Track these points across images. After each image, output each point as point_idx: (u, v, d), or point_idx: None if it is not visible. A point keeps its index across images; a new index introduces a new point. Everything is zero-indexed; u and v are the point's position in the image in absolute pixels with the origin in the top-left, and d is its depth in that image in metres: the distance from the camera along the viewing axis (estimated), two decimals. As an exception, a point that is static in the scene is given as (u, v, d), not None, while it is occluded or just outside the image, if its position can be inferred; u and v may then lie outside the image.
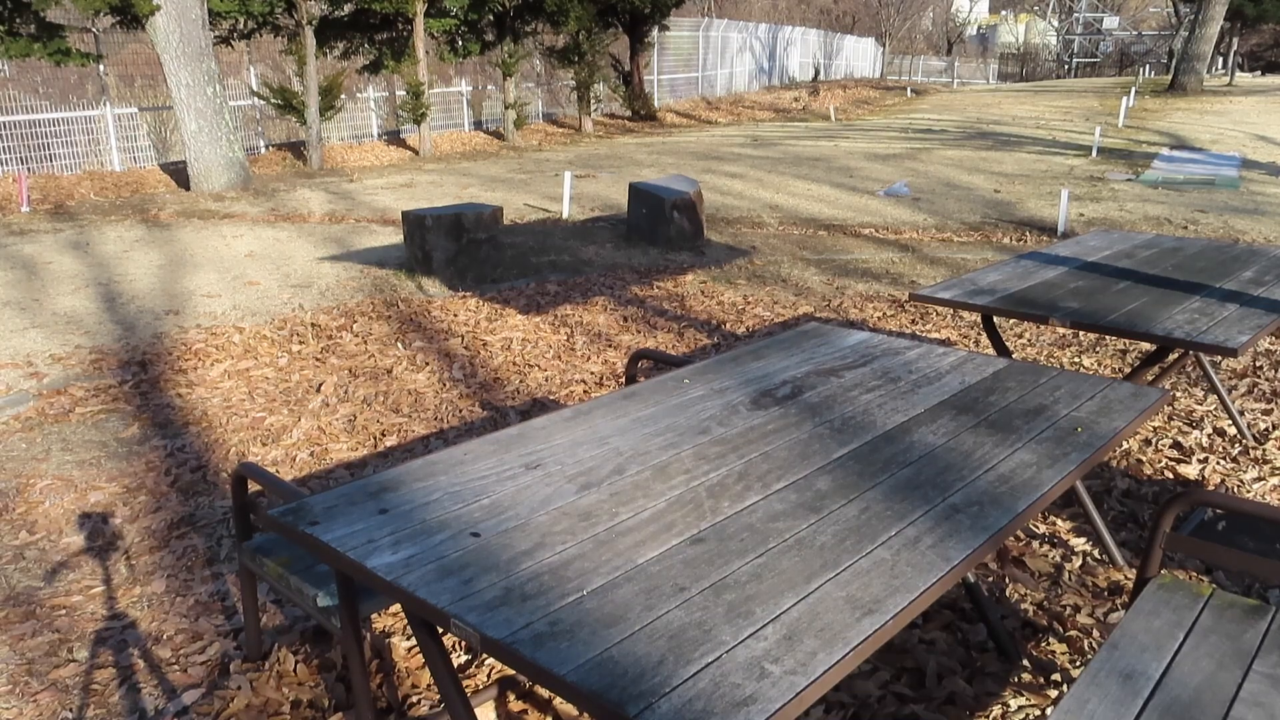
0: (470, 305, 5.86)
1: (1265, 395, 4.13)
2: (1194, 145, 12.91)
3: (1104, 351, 4.79)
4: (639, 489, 1.57)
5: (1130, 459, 3.51)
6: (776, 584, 1.28)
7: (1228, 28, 25.97)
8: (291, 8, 12.24)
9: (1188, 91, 20.64)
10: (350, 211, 9.28)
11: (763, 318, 5.52)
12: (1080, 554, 2.87)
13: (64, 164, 11.82)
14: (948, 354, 2.32)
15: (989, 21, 53.58)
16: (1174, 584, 1.86)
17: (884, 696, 2.26)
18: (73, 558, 3.08)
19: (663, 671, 1.10)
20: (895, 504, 1.51)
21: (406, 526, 1.44)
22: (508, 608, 1.23)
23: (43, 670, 2.50)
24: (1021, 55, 46.01)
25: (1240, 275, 3.40)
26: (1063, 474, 1.63)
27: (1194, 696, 1.52)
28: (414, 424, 4.04)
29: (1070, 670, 2.36)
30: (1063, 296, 3.13)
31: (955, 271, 6.61)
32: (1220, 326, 2.77)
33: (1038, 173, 10.84)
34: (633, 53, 18.87)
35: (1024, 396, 2.02)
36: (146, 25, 9.91)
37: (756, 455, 1.70)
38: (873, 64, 36.21)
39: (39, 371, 4.84)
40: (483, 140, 16.32)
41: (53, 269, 7.00)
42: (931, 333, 5.15)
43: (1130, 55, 41.07)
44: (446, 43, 15.88)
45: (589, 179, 10.90)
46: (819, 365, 2.22)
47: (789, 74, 28.25)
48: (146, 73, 13.24)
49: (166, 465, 3.73)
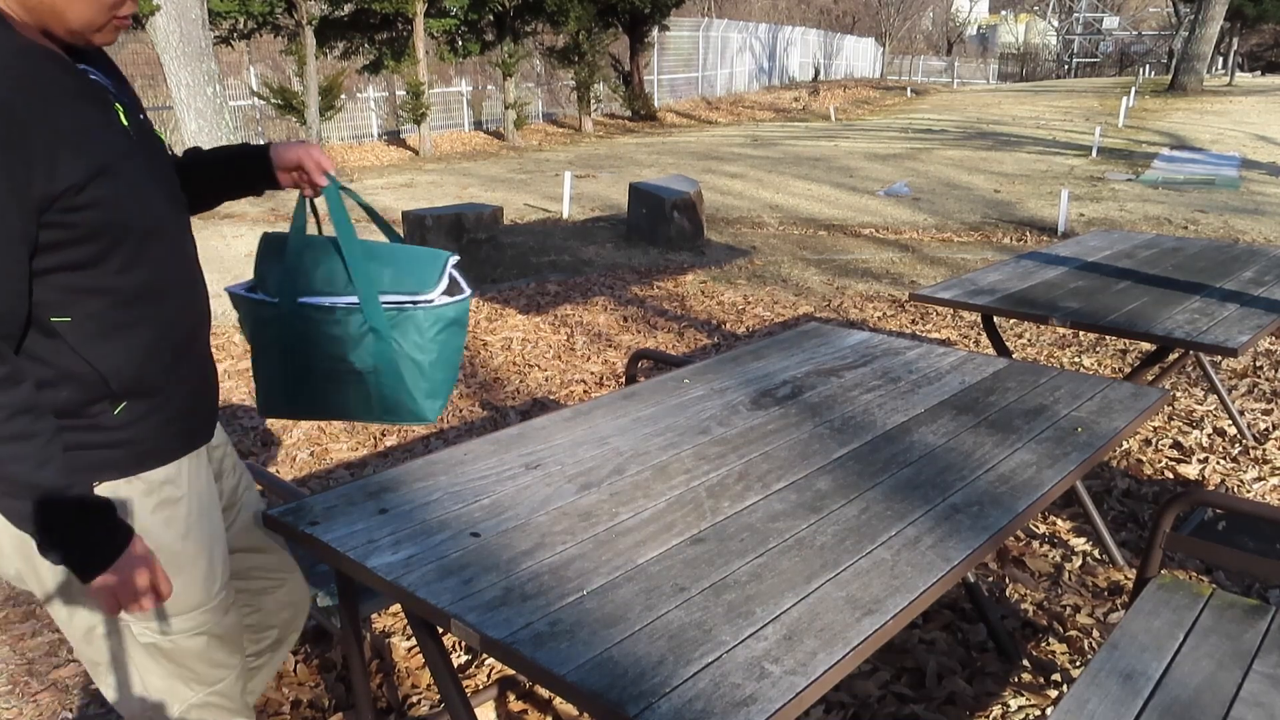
0: (470, 305, 5.85)
1: (1265, 395, 4.13)
2: (1194, 145, 12.91)
3: (1104, 351, 4.79)
4: (639, 489, 1.57)
5: (1130, 459, 3.51)
6: (776, 584, 1.28)
7: (1228, 28, 25.98)
8: (291, 8, 12.24)
9: (1188, 91, 20.63)
10: (350, 211, 9.27)
11: (763, 318, 5.52)
12: (1080, 554, 2.87)
13: (64, 164, 11.82)
14: (948, 354, 2.32)
15: (989, 21, 53.59)
16: (1174, 584, 1.86)
17: (884, 696, 2.26)
18: (73, 558, 3.08)
19: (663, 671, 1.10)
20: (895, 504, 1.51)
21: (406, 526, 1.44)
22: (508, 608, 1.23)
23: (43, 670, 2.50)
24: (1021, 55, 46.01)
25: (1240, 275, 3.41)
26: (1063, 474, 1.63)
27: (1194, 696, 1.52)
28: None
29: (1070, 670, 2.36)
30: (1063, 296, 3.13)
31: (955, 271, 6.61)
32: (1220, 326, 2.77)
33: (1038, 173, 10.84)
34: (633, 53, 18.87)
35: (1024, 396, 2.02)
36: (146, 25, 9.91)
37: (756, 455, 1.70)
38: (873, 64, 36.21)
39: (39, 371, 4.84)
40: (483, 140, 16.33)
41: (53, 269, 7.00)
42: (931, 333, 5.15)
43: (1130, 55, 41.08)
44: (446, 43, 15.88)
45: (589, 179, 10.90)
46: (819, 365, 2.22)
47: (789, 74, 28.25)
48: (146, 73, 13.24)
49: (166, 465, 3.73)
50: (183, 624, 1.46)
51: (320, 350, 1.53)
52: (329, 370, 1.55)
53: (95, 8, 1.22)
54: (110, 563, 1.27)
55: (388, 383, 1.54)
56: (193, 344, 1.43)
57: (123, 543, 1.28)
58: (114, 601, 1.29)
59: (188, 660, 1.49)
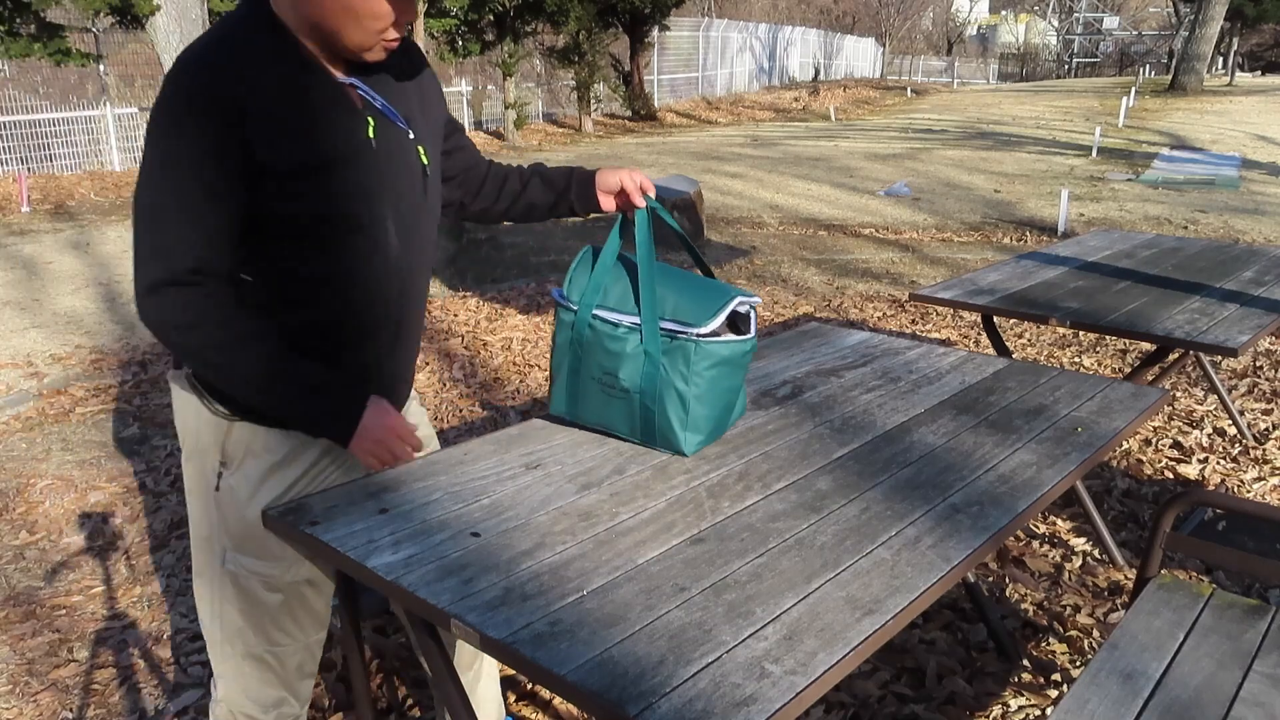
0: (470, 305, 5.86)
1: (1265, 395, 4.13)
2: (1194, 145, 12.91)
3: (1104, 351, 4.79)
4: (639, 489, 1.57)
5: (1130, 459, 3.51)
6: (776, 584, 1.28)
7: (1228, 28, 25.97)
8: (291, 8, 12.24)
9: (1188, 91, 20.62)
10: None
11: (763, 317, 5.52)
12: (1080, 554, 2.87)
13: (64, 164, 11.82)
14: (948, 354, 2.32)
15: (989, 21, 53.58)
16: (1174, 584, 1.86)
17: (884, 696, 2.26)
18: (73, 558, 3.08)
19: (663, 671, 1.10)
20: (895, 504, 1.51)
21: (406, 526, 1.44)
22: (508, 608, 1.23)
23: (43, 670, 2.50)
24: (1021, 55, 46.01)
25: (1240, 275, 3.41)
26: (1063, 474, 1.63)
27: (1194, 696, 1.52)
28: (414, 424, 4.03)
29: (1070, 670, 2.36)
30: (1063, 296, 3.13)
31: (955, 271, 6.61)
32: (1220, 326, 2.77)
33: (1038, 173, 10.84)
34: (633, 53, 18.86)
35: (1024, 396, 2.02)
36: (146, 25, 9.91)
37: (757, 455, 1.70)
38: (873, 64, 36.20)
39: (39, 371, 4.85)
40: (483, 140, 16.33)
41: (53, 269, 7.00)
42: (931, 333, 5.15)
43: (1130, 55, 41.07)
44: (446, 43, 15.88)
45: (589, 179, 10.89)
46: (819, 365, 2.22)
47: (789, 74, 28.25)
48: (146, 73, 13.24)
49: (166, 465, 3.73)
50: (261, 568, 1.55)
51: (598, 361, 1.66)
52: (602, 382, 1.67)
53: (365, 33, 1.40)
54: (355, 426, 1.48)
55: (649, 406, 1.64)
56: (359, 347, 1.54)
57: (359, 411, 1.48)
58: (371, 458, 1.51)
59: (259, 610, 1.58)
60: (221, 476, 1.52)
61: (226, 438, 1.50)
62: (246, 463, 1.51)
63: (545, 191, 1.80)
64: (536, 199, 1.81)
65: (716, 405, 1.67)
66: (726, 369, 1.64)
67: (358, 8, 1.36)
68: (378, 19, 1.38)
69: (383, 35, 1.41)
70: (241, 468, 1.51)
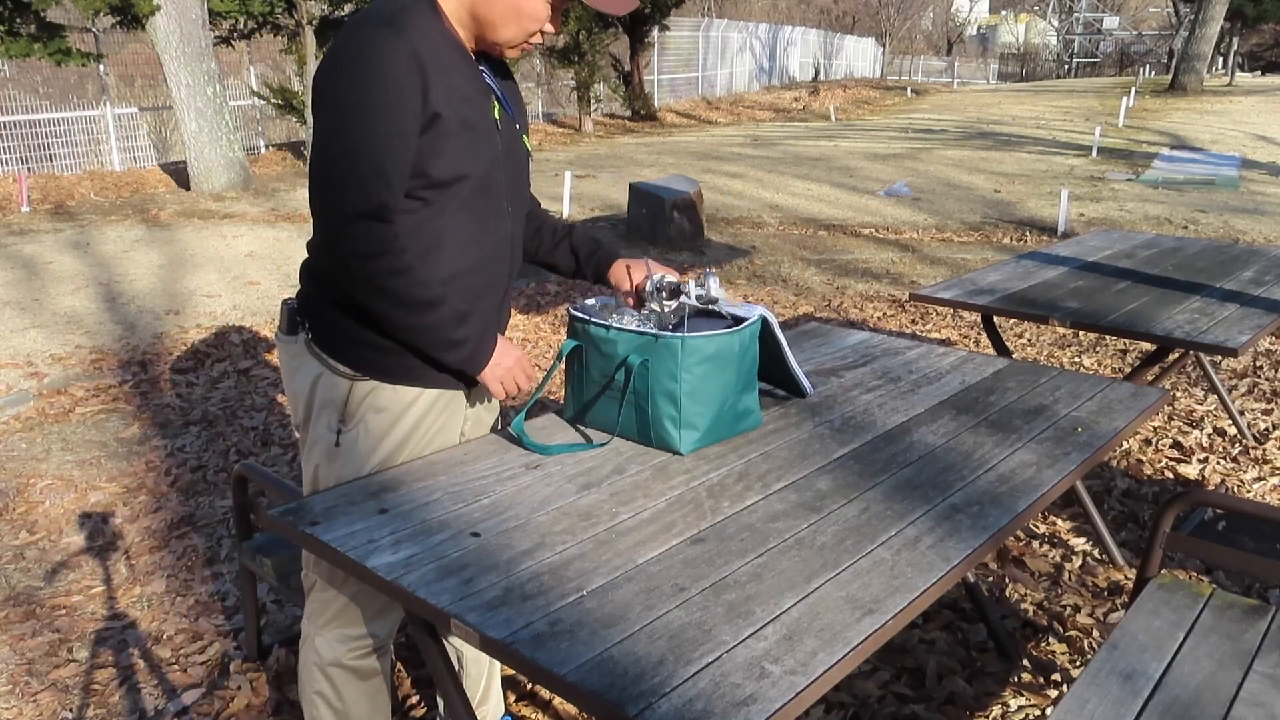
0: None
1: (1265, 395, 4.13)
2: (1194, 145, 12.91)
3: (1104, 351, 4.79)
4: (639, 489, 1.57)
5: (1130, 459, 3.51)
6: (776, 584, 1.28)
7: (1228, 28, 25.97)
8: (291, 8, 12.23)
9: (1188, 91, 20.62)
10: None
11: (763, 318, 5.51)
12: (1080, 554, 2.87)
13: (64, 164, 11.82)
14: (948, 354, 2.32)
15: (989, 21, 53.58)
16: (1174, 584, 1.86)
17: (884, 696, 2.26)
18: (73, 558, 3.08)
19: (663, 671, 1.10)
20: (895, 504, 1.51)
21: (406, 526, 1.44)
22: (508, 608, 1.23)
23: (43, 670, 2.50)
24: (1021, 55, 46.00)
25: (1240, 275, 3.40)
26: (1063, 474, 1.63)
27: (1194, 696, 1.52)
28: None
29: (1070, 670, 2.36)
30: (1063, 296, 3.13)
31: (955, 271, 6.61)
32: (1220, 326, 2.77)
33: (1038, 173, 10.84)
34: (633, 53, 18.86)
35: (1024, 396, 2.02)
36: (146, 25, 9.91)
37: (756, 455, 1.70)
38: (873, 64, 36.20)
39: (39, 371, 4.84)
40: (483, 140, 16.31)
41: (53, 269, 7.00)
42: (931, 333, 5.15)
43: (1130, 55, 41.07)
44: (446, 43, 15.85)
45: (589, 179, 10.90)
46: (819, 365, 2.22)
47: (789, 74, 28.24)
48: (146, 73, 13.24)
49: (166, 465, 3.73)
50: None
51: (598, 366, 1.75)
52: (603, 385, 1.75)
53: (518, 30, 1.56)
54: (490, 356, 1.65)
55: (643, 406, 1.70)
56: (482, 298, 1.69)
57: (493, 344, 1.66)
58: (499, 385, 1.68)
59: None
60: (340, 433, 1.64)
61: (349, 396, 1.63)
62: (367, 418, 1.64)
63: (569, 259, 1.95)
64: (561, 262, 1.96)
65: (709, 402, 1.68)
66: (716, 364, 1.67)
67: (522, 7, 1.53)
68: (536, 21, 1.55)
69: (530, 36, 1.57)
70: (362, 422, 1.64)
